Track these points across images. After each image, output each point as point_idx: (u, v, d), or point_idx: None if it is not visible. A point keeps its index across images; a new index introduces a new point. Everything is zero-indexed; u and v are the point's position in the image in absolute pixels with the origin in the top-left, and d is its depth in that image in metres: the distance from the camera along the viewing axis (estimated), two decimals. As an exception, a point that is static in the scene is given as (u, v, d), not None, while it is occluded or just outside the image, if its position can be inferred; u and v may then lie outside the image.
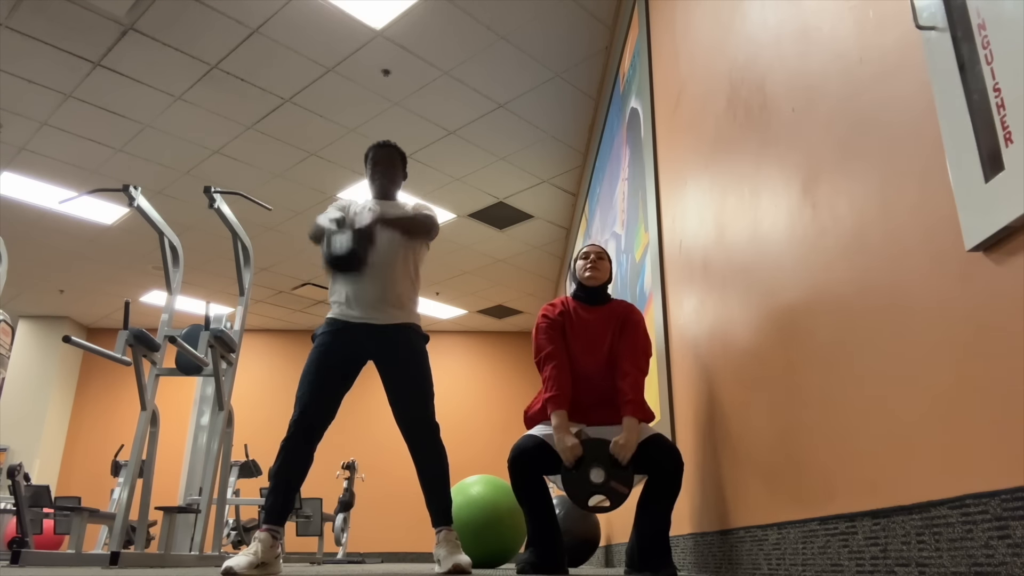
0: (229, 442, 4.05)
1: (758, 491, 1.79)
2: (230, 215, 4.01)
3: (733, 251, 2.02)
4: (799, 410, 1.55)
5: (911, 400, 1.13)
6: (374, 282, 2.38)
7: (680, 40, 2.68)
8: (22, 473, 4.41)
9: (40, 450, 8.21)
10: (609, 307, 2.32)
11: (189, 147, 5.18)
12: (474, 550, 3.51)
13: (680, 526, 2.55)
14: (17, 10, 3.83)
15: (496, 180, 5.71)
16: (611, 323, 2.28)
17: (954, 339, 1.02)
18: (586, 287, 2.35)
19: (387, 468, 8.27)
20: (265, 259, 7.07)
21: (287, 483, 2.18)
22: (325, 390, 2.26)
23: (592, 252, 2.38)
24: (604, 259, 2.38)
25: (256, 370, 8.98)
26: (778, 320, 1.68)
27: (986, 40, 0.93)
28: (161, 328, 3.79)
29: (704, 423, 2.30)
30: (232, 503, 5.87)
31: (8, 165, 5.36)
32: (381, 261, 2.39)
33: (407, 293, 2.45)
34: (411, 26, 4.00)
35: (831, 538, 1.36)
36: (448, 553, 2.17)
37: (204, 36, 4.07)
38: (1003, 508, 0.90)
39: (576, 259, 2.43)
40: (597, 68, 4.42)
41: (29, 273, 7.36)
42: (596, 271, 2.34)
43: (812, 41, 1.51)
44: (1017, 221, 0.87)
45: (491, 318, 8.97)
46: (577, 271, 2.39)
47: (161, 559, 3.34)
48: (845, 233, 1.35)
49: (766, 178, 1.76)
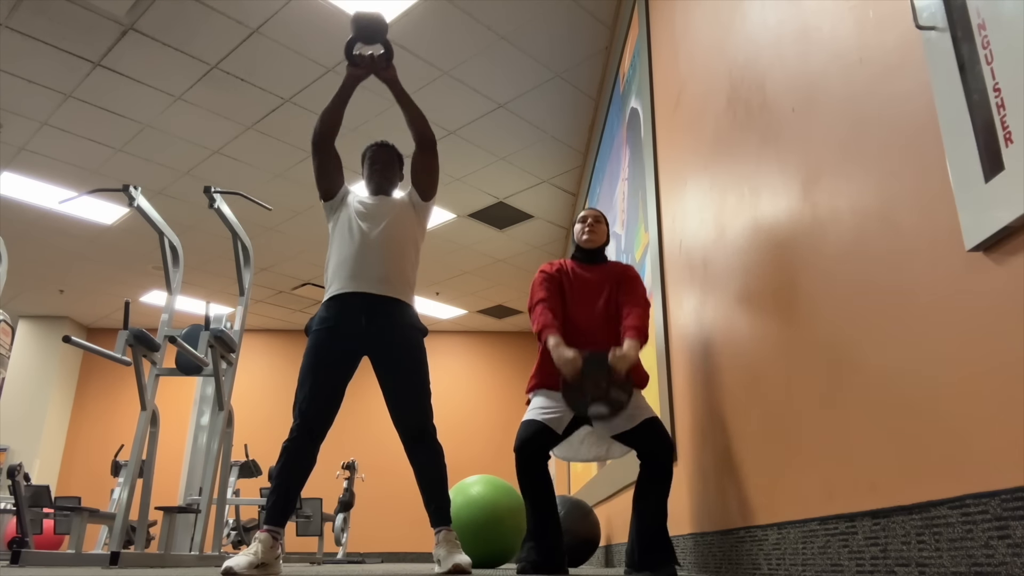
0: (229, 442, 4.05)
1: (758, 491, 1.79)
2: (230, 215, 4.01)
3: (733, 251, 2.02)
4: (799, 410, 1.55)
5: (911, 400, 1.13)
6: (377, 255, 2.35)
7: (680, 40, 2.68)
8: (22, 473, 4.41)
9: (40, 450, 8.20)
10: (606, 266, 2.39)
11: (189, 147, 5.18)
12: (474, 550, 3.50)
13: (680, 526, 2.54)
14: (17, 10, 3.83)
15: (496, 180, 5.71)
16: (609, 280, 2.33)
17: (954, 339, 1.02)
18: (584, 249, 2.41)
19: (387, 468, 8.26)
20: (265, 259, 7.07)
21: (288, 485, 2.17)
22: (324, 392, 2.23)
23: (590, 216, 2.46)
24: (601, 222, 2.45)
25: (256, 370, 8.98)
26: (778, 320, 1.68)
27: (986, 40, 0.93)
28: (161, 328, 3.79)
29: (704, 422, 2.30)
30: (232, 503, 5.87)
31: (8, 165, 5.36)
32: (386, 236, 2.37)
33: (408, 272, 2.43)
34: (411, 26, 4.00)
35: (831, 538, 1.36)
36: (448, 553, 2.16)
37: (204, 36, 4.07)
38: (1003, 508, 0.90)
39: (574, 223, 2.51)
40: (597, 68, 4.42)
41: (29, 273, 7.36)
42: (594, 234, 2.40)
43: (812, 41, 1.51)
44: (1017, 221, 0.87)
45: (491, 318, 8.97)
46: (575, 234, 2.47)
47: (161, 559, 3.34)
48: (845, 233, 1.35)
49: (766, 178, 1.76)
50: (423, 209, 2.52)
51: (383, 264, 2.35)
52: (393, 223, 2.42)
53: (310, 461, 2.20)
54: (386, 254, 2.37)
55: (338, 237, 2.42)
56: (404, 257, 2.42)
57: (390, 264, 2.37)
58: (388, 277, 2.35)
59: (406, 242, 2.44)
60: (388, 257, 2.37)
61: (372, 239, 2.36)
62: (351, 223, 2.40)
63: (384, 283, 2.34)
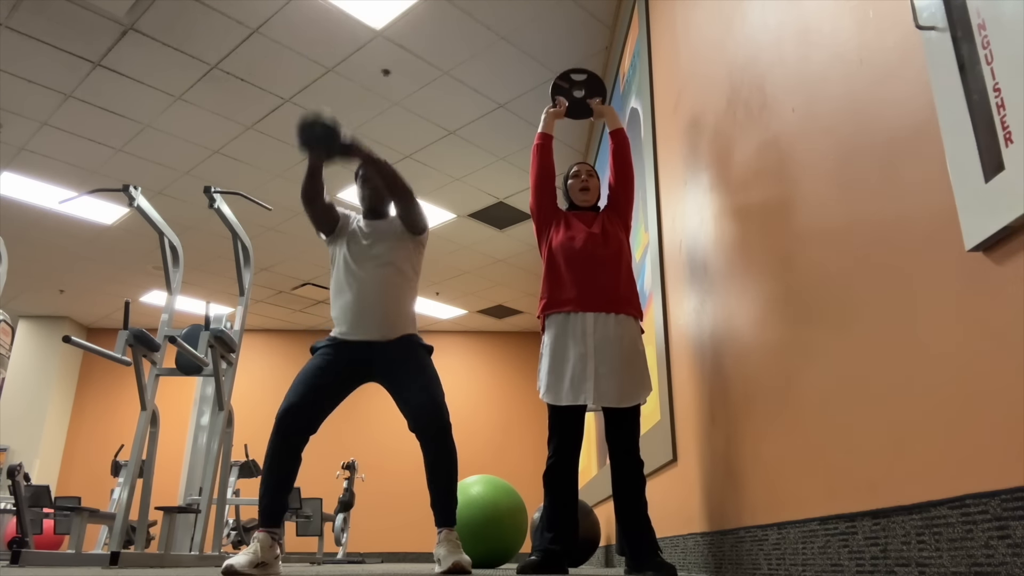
0: (229, 442, 4.05)
1: (758, 491, 1.79)
2: (230, 215, 4.01)
3: (733, 252, 2.02)
4: (799, 410, 1.56)
5: (911, 400, 1.13)
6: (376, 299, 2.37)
7: (680, 40, 2.68)
8: (22, 473, 4.41)
9: (40, 450, 8.21)
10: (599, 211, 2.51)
11: (189, 147, 5.18)
12: (474, 550, 3.51)
13: (680, 526, 2.55)
14: (17, 10, 3.83)
15: (496, 180, 5.71)
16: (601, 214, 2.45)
17: (954, 339, 1.02)
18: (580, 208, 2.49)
19: (387, 468, 8.27)
20: (265, 259, 7.07)
21: (276, 484, 2.18)
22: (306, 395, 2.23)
23: (583, 170, 2.53)
24: (594, 176, 2.53)
25: (256, 370, 8.98)
26: (778, 320, 1.68)
27: (986, 40, 0.93)
28: (161, 328, 3.79)
29: (704, 422, 2.30)
30: (232, 503, 5.87)
31: (8, 165, 5.36)
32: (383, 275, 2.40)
33: (408, 306, 2.46)
34: (411, 26, 4.00)
35: (831, 538, 1.36)
36: (448, 553, 2.17)
37: (204, 36, 4.07)
38: (1003, 508, 0.90)
39: (567, 178, 2.55)
40: (597, 68, 4.41)
41: (29, 273, 7.36)
42: (588, 191, 2.50)
43: (812, 41, 1.51)
44: (1017, 221, 0.87)
45: (491, 318, 8.97)
46: (570, 190, 2.52)
47: (161, 559, 3.34)
48: (845, 233, 1.35)
49: (766, 178, 1.76)
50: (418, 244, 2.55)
51: (383, 307, 2.39)
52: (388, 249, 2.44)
53: (291, 462, 2.20)
54: (386, 297, 2.40)
55: (337, 273, 2.46)
56: (402, 295, 2.45)
57: (389, 306, 2.40)
58: (387, 320, 2.39)
59: (403, 276, 2.45)
60: (387, 300, 2.40)
61: (370, 282, 2.38)
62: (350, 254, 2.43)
63: (385, 327, 2.38)
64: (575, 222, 2.40)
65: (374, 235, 2.46)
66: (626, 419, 2.22)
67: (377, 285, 2.39)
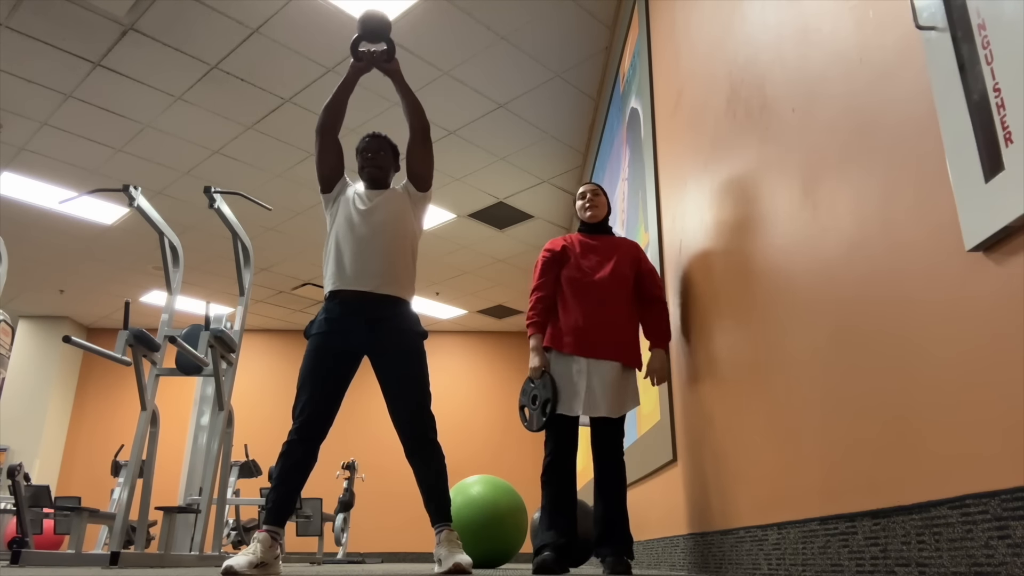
0: (229, 442, 4.05)
1: (758, 491, 1.79)
2: (230, 215, 4.01)
3: (733, 251, 2.02)
4: (799, 410, 1.55)
5: (911, 400, 1.13)
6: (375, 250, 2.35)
7: (680, 40, 2.68)
8: (22, 473, 4.41)
9: (40, 450, 8.20)
10: (612, 238, 2.59)
11: (189, 147, 5.18)
12: (474, 550, 3.51)
13: (680, 526, 2.55)
14: (17, 10, 3.83)
15: (496, 180, 5.71)
16: (616, 251, 2.53)
17: (954, 339, 1.02)
18: (588, 224, 2.60)
19: (387, 468, 8.27)
20: (265, 259, 7.07)
21: (288, 486, 2.17)
22: (322, 396, 2.23)
23: (588, 191, 2.63)
24: (600, 195, 2.63)
25: (256, 370, 8.98)
26: (778, 320, 1.68)
27: (986, 40, 0.93)
28: (161, 328, 3.79)
29: (704, 423, 2.30)
30: (232, 503, 5.87)
31: (8, 165, 5.36)
32: (385, 229, 2.38)
33: (407, 266, 2.43)
34: (411, 26, 4.00)
35: (831, 538, 1.36)
36: (449, 552, 2.16)
37: (204, 36, 4.07)
38: (1003, 508, 0.90)
39: (575, 200, 2.67)
40: (597, 68, 4.42)
41: (29, 273, 7.36)
42: (595, 208, 2.59)
43: (812, 41, 1.51)
44: (1017, 221, 0.87)
45: (491, 318, 8.97)
46: (578, 210, 2.64)
47: (161, 559, 3.34)
48: (845, 233, 1.35)
49: (766, 178, 1.76)
50: (420, 201, 2.53)
51: (382, 259, 2.36)
52: (391, 217, 2.43)
53: (310, 461, 2.21)
54: (385, 248, 2.38)
55: (336, 230, 2.43)
56: (402, 251, 2.42)
57: (388, 259, 2.37)
58: (387, 272, 2.36)
59: (404, 236, 2.44)
60: (387, 251, 2.38)
61: (370, 233, 2.37)
62: (349, 217, 2.41)
63: (383, 279, 2.35)
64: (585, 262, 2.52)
65: (374, 202, 2.44)
66: (611, 426, 2.39)
67: (377, 239, 2.37)
